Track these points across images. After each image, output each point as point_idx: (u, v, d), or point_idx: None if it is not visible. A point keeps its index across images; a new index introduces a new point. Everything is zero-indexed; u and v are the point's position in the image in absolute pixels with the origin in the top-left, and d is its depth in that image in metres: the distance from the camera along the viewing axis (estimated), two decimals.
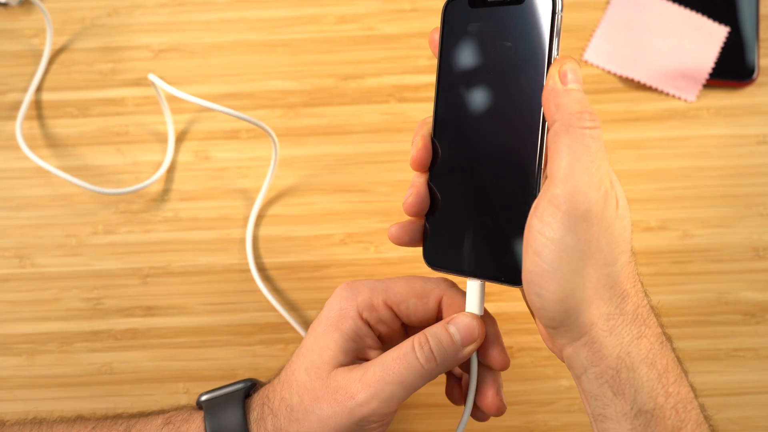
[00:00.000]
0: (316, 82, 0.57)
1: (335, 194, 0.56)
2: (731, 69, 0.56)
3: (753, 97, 0.56)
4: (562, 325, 0.34)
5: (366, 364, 0.39)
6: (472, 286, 0.38)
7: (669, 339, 0.35)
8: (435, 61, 0.57)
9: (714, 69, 0.56)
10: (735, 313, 0.53)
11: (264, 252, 0.55)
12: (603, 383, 0.34)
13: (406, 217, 0.40)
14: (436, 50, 0.39)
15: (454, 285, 0.41)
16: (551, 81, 0.34)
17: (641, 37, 0.57)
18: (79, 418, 0.42)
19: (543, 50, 0.35)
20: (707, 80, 0.56)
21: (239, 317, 0.54)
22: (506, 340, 0.53)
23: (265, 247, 0.55)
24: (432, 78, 0.57)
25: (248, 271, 0.54)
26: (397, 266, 0.54)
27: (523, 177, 0.36)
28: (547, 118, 0.34)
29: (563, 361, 0.37)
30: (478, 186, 0.37)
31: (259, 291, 0.54)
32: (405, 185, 0.55)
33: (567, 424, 0.51)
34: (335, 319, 0.40)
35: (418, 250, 0.56)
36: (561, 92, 0.33)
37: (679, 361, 0.35)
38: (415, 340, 0.38)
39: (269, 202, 0.56)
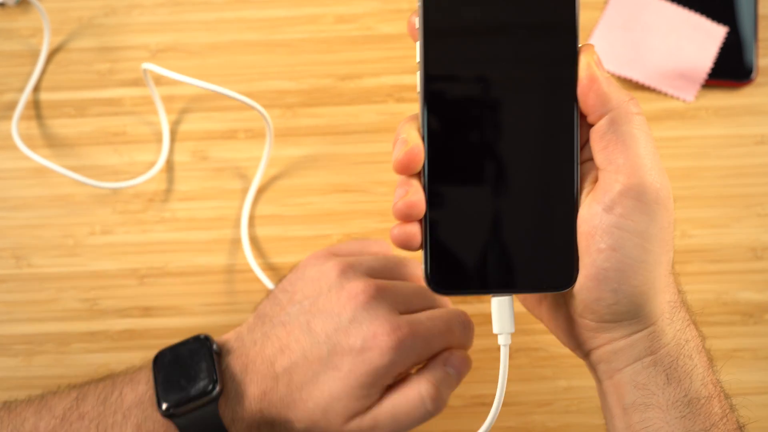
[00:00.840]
0: (314, 82, 0.57)
1: (333, 194, 0.56)
2: (730, 69, 0.56)
3: (751, 97, 0.56)
4: (633, 317, 0.33)
5: (377, 415, 0.40)
6: (503, 303, 0.34)
7: (699, 328, 0.36)
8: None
9: (712, 69, 0.56)
10: (733, 313, 0.53)
11: (262, 252, 0.55)
12: (658, 371, 0.33)
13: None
14: (416, 36, 0.34)
15: None
16: (589, 71, 0.32)
17: (639, 37, 0.57)
18: (46, 400, 0.42)
19: (570, 38, 0.33)
20: (706, 80, 0.56)
21: (237, 318, 0.54)
22: None
23: (263, 247, 0.55)
24: None
25: (247, 271, 0.54)
26: None
27: (559, 174, 0.33)
28: (589, 110, 0.32)
29: (586, 357, 0.36)
30: (496, 189, 0.33)
31: (256, 291, 0.54)
32: None
33: (565, 424, 0.51)
34: (373, 377, 0.40)
35: (417, 251, 0.55)
36: (605, 82, 0.32)
37: (708, 350, 0.35)
38: (424, 391, 0.40)
39: (268, 202, 0.56)
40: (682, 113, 0.56)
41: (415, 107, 0.57)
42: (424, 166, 0.33)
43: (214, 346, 0.43)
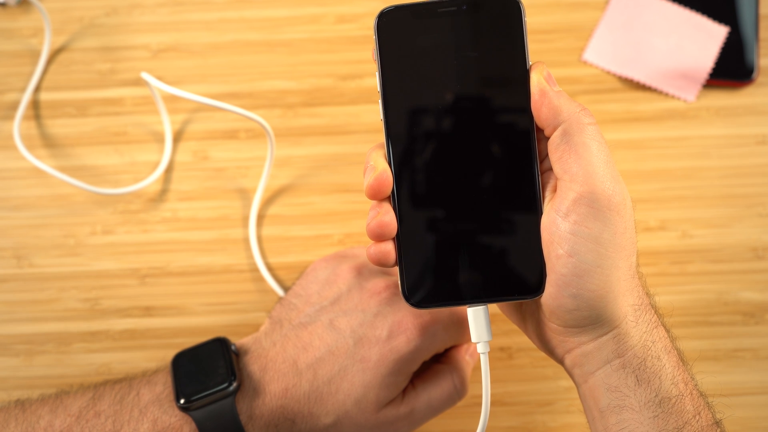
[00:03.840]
0: (315, 81, 0.57)
1: (334, 194, 0.56)
2: (731, 69, 0.56)
3: (753, 97, 0.56)
4: (595, 322, 0.34)
5: (412, 402, 0.43)
6: (478, 313, 0.36)
7: (668, 327, 0.36)
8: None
9: (714, 69, 0.56)
10: (734, 313, 0.53)
11: (263, 252, 0.55)
12: (627, 373, 0.34)
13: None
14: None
15: None
16: (540, 86, 0.34)
17: (641, 37, 0.57)
18: (61, 399, 0.42)
19: (520, 57, 0.35)
20: (707, 80, 0.56)
21: (238, 317, 0.54)
22: (504, 341, 0.53)
23: (263, 247, 0.55)
24: None
25: (247, 271, 0.54)
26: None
27: (521, 186, 0.35)
28: (544, 123, 0.34)
29: (562, 362, 0.37)
30: (462, 205, 0.35)
31: (257, 291, 0.54)
32: None
33: (565, 424, 0.51)
34: (401, 364, 0.42)
35: None
36: (554, 95, 0.34)
37: (679, 349, 0.36)
38: (456, 380, 0.44)
39: (268, 202, 0.56)
40: (683, 113, 0.56)
41: None
42: (393, 189, 0.35)
43: (233, 347, 0.44)
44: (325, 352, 0.42)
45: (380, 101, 0.36)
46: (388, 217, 0.35)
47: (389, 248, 0.36)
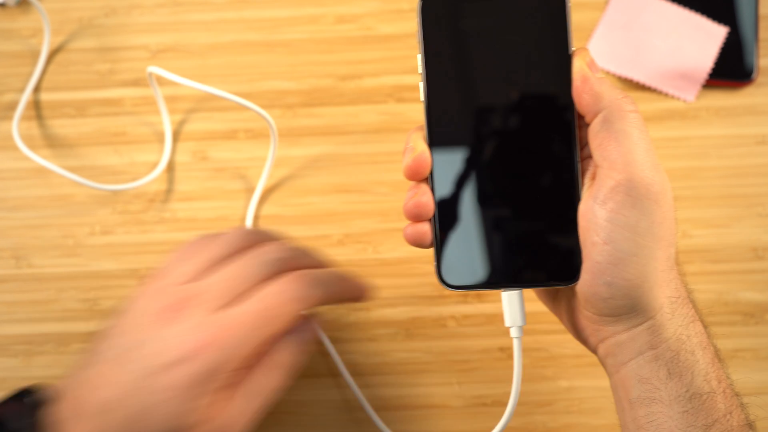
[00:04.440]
0: (314, 82, 0.57)
1: (333, 194, 0.56)
2: (730, 69, 0.56)
3: (752, 97, 0.56)
4: (630, 311, 0.33)
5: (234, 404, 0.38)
6: (512, 297, 0.36)
7: (705, 323, 0.36)
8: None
9: (713, 69, 0.56)
10: (734, 313, 0.53)
11: None
12: (660, 366, 0.33)
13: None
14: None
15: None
16: (582, 72, 0.34)
17: (640, 38, 0.57)
18: None
19: (562, 42, 0.34)
20: (706, 80, 0.56)
21: None
22: (505, 341, 0.53)
23: None
24: None
25: None
26: (395, 266, 0.54)
27: (560, 172, 0.34)
28: (585, 109, 0.34)
29: (595, 351, 0.36)
30: (500, 189, 0.35)
31: None
32: (404, 185, 0.55)
33: (565, 424, 0.51)
34: (196, 386, 0.37)
35: (418, 251, 0.55)
36: (596, 82, 0.34)
37: (715, 346, 0.35)
38: (243, 405, 0.39)
39: (267, 202, 0.56)
40: (682, 113, 0.56)
41: (414, 107, 0.57)
42: (431, 170, 0.35)
43: (35, 398, 0.40)
44: (120, 390, 0.38)
45: (421, 83, 0.36)
46: (425, 197, 0.35)
47: (425, 229, 0.36)
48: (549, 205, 0.35)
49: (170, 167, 0.56)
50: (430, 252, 0.55)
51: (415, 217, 0.35)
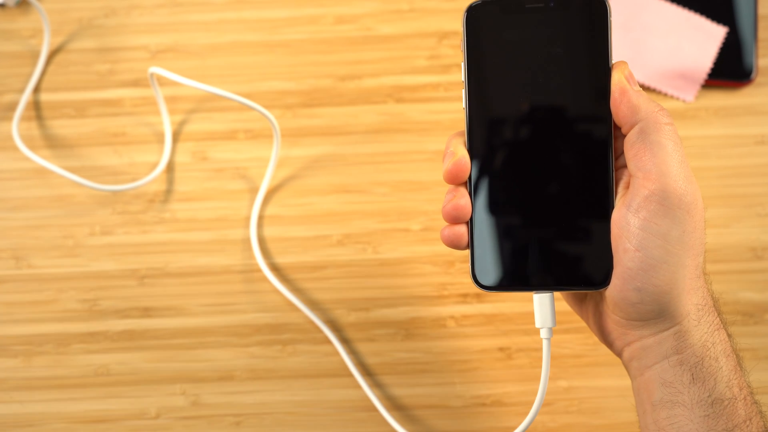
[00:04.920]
0: (314, 82, 0.57)
1: (333, 195, 0.56)
2: (730, 69, 0.56)
3: (751, 98, 0.56)
4: (658, 316, 0.34)
5: None
6: (543, 300, 0.37)
7: (729, 332, 0.37)
8: (433, 62, 0.57)
9: (712, 69, 0.56)
10: (733, 313, 0.53)
11: (261, 252, 0.55)
12: (684, 370, 0.34)
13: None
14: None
15: None
16: (620, 85, 0.35)
17: (639, 38, 0.57)
18: None
19: (603, 55, 0.36)
20: (706, 80, 0.56)
21: (237, 318, 0.54)
22: (504, 341, 0.53)
23: (262, 247, 0.55)
24: (431, 79, 0.57)
25: (246, 271, 0.54)
26: (395, 267, 0.54)
27: (595, 180, 0.36)
28: (622, 121, 0.35)
29: (620, 354, 0.37)
30: (536, 194, 0.36)
31: (256, 292, 0.54)
32: (404, 186, 0.55)
33: (565, 424, 0.51)
34: None
35: (417, 251, 0.55)
36: (634, 94, 0.35)
37: (738, 354, 0.36)
38: None
39: (267, 203, 0.56)
40: (682, 113, 0.56)
41: (413, 108, 0.57)
42: (470, 175, 0.37)
43: None
44: None
45: (464, 91, 0.37)
46: (463, 201, 0.36)
47: (462, 231, 0.37)
48: (583, 212, 0.36)
49: (170, 168, 0.56)
50: (430, 252, 0.55)
51: (453, 220, 0.37)
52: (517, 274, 0.36)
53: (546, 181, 0.36)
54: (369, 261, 0.54)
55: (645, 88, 0.56)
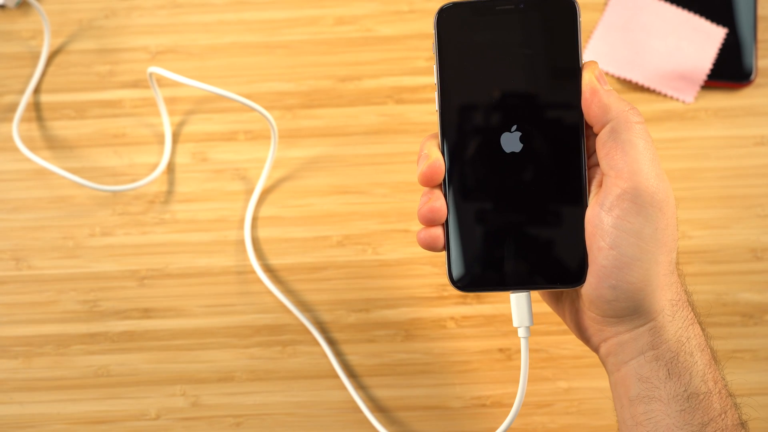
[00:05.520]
0: (314, 83, 0.57)
1: (333, 196, 0.56)
2: (729, 70, 0.56)
3: (751, 99, 0.56)
4: (633, 313, 0.35)
5: None
6: (520, 299, 0.37)
7: (704, 326, 0.37)
8: (433, 63, 0.57)
9: (712, 70, 0.56)
10: (733, 314, 0.53)
11: (261, 254, 0.55)
12: (660, 365, 0.35)
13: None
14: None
15: None
16: (591, 85, 0.35)
17: (639, 39, 0.57)
18: None
19: (573, 56, 0.36)
20: (705, 81, 0.56)
21: (237, 319, 0.54)
22: (504, 342, 0.53)
23: (262, 248, 0.55)
24: (431, 80, 0.57)
25: (246, 272, 0.54)
26: (395, 268, 0.54)
27: (568, 179, 0.36)
28: (593, 120, 0.35)
29: (597, 350, 0.38)
30: (510, 195, 0.36)
31: (256, 293, 0.54)
32: (403, 187, 0.55)
33: (565, 425, 0.51)
34: None
35: (417, 252, 0.55)
36: (605, 94, 0.35)
37: (712, 348, 0.37)
38: None
39: (266, 204, 0.56)
40: (681, 114, 0.56)
41: (413, 108, 0.57)
42: (444, 177, 0.37)
43: None
44: None
45: (437, 93, 0.37)
46: (438, 203, 0.37)
47: (438, 233, 0.37)
48: (557, 211, 0.36)
49: (170, 168, 0.56)
50: (429, 253, 0.55)
51: (429, 222, 0.37)
52: (494, 275, 0.37)
53: (520, 182, 0.36)
54: (369, 262, 0.54)
55: (645, 89, 0.56)
